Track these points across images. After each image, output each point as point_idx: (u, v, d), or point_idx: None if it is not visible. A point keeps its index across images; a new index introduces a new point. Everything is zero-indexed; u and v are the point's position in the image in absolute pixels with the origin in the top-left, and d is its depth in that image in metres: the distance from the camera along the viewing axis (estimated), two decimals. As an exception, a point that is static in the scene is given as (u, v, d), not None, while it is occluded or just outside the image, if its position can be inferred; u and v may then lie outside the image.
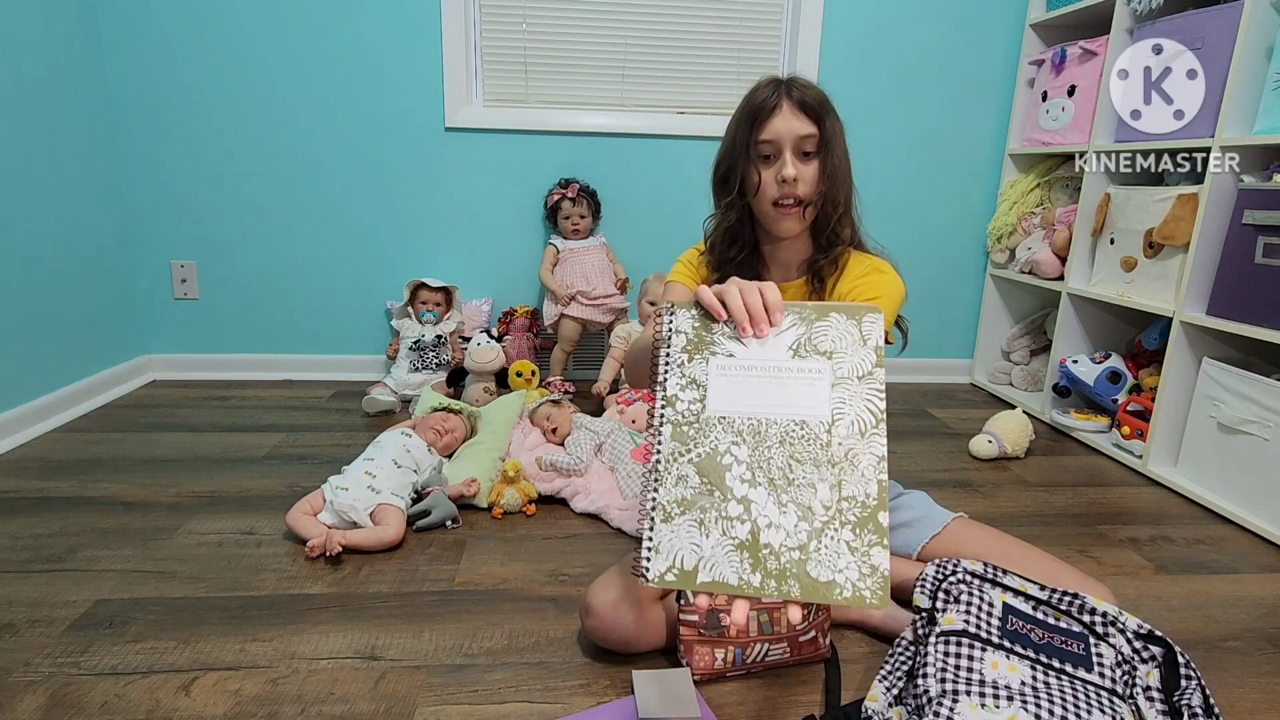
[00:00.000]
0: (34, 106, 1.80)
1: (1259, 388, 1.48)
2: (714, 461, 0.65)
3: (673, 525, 0.63)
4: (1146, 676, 0.82)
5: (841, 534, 0.61)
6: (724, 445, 0.65)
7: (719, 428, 0.65)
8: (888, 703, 0.87)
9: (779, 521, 0.62)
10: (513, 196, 2.27)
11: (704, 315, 0.69)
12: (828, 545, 0.60)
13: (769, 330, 0.67)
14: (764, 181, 1.01)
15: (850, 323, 0.66)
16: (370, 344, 2.35)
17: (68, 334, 1.93)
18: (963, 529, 1.14)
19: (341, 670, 0.99)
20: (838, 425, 0.64)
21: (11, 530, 1.33)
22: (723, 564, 0.61)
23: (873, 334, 0.65)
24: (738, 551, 0.62)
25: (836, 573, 0.60)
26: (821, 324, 0.66)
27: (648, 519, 0.64)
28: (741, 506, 0.63)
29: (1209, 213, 1.59)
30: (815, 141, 0.99)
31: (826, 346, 0.66)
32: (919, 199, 2.36)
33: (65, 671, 0.97)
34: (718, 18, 2.24)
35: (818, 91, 1.00)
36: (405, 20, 2.11)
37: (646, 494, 0.65)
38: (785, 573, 0.60)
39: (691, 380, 0.67)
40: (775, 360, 0.66)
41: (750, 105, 1.01)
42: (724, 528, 0.63)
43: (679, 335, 0.69)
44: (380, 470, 1.41)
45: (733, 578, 0.61)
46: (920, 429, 2.05)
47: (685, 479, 0.64)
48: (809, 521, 0.61)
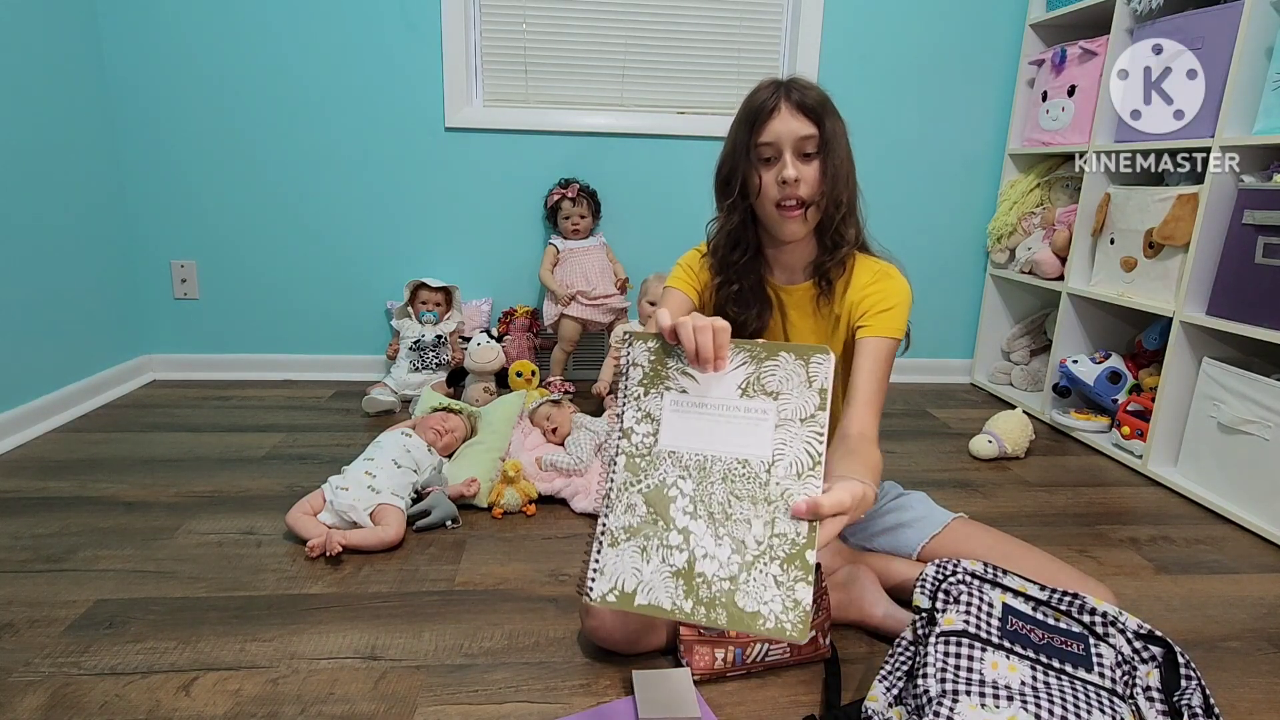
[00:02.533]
0: (34, 106, 1.80)
1: (1259, 388, 1.48)
2: (661, 493, 0.68)
3: (618, 550, 0.67)
4: (1146, 677, 0.82)
5: (770, 568, 0.63)
6: (671, 478, 0.68)
7: (668, 462, 0.69)
8: (888, 703, 0.87)
9: (714, 553, 0.65)
10: (513, 196, 2.27)
11: (660, 348, 0.71)
12: (756, 578, 0.63)
13: (713, 370, 0.69)
14: (765, 184, 1.01)
15: (798, 363, 0.68)
16: (370, 344, 2.35)
17: (68, 334, 1.93)
18: (963, 529, 1.14)
19: (341, 670, 0.99)
20: (777, 465, 0.66)
21: (11, 530, 1.33)
22: (659, 589, 0.65)
23: (819, 375, 0.67)
24: (674, 578, 0.65)
25: (762, 604, 0.62)
26: (770, 363, 0.68)
27: (596, 542, 0.68)
28: (682, 536, 0.66)
29: (1209, 213, 1.59)
30: (815, 142, 0.99)
31: (774, 387, 0.68)
32: (919, 199, 2.36)
33: (65, 671, 0.97)
34: (718, 18, 2.24)
35: (818, 92, 1.00)
36: (405, 20, 2.12)
37: (600, 519, 0.69)
38: (715, 601, 0.63)
39: (647, 414, 0.70)
40: (724, 399, 0.69)
41: (749, 107, 1.01)
42: (664, 555, 0.66)
43: (635, 368, 0.72)
44: (380, 470, 1.41)
45: (667, 602, 0.64)
46: (920, 429, 2.05)
47: (634, 508, 0.68)
48: (741, 554, 0.64)
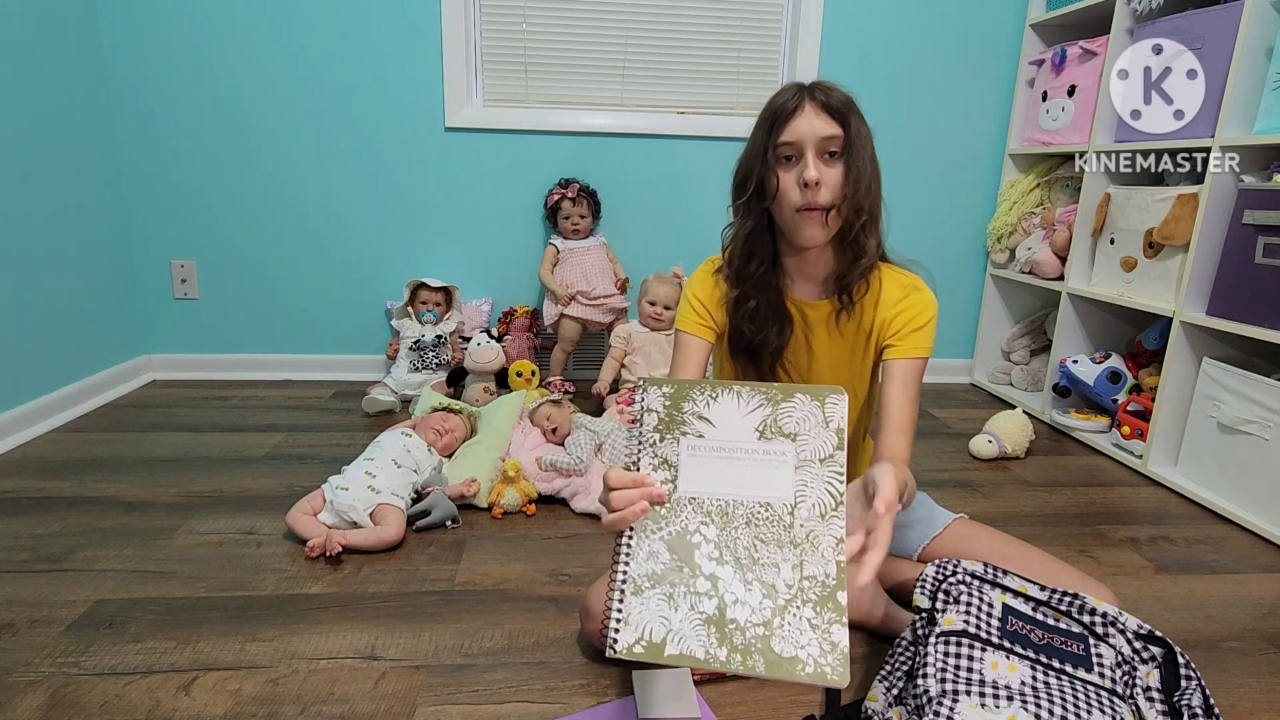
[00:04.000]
0: (34, 106, 1.80)
1: (1259, 388, 1.48)
2: (684, 540, 0.67)
3: (643, 598, 0.66)
4: (1146, 677, 0.82)
5: (804, 612, 0.63)
6: (694, 525, 0.68)
7: (689, 508, 0.68)
8: (887, 703, 0.87)
9: (745, 598, 0.64)
10: (513, 196, 2.27)
11: (676, 394, 0.71)
12: (790, 622, 0.63)
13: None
14: (785, 185, 0.96)
15: (814, 404, 0.68)
16: (370, 344, 2.35)
17: (68, 334, 1.93)
18: (963, 529, 1.14)
19: (341, 670, 0.99)
20: (800, 507, 0.66)
21: (11, 530, 1.33)
22: (690, 638, 0.64)
23: (835, 416, 0.67)
24: (705, 626, 0.64)
25: (799, 649, 0.62)
26: (786, 405, 0.68)
27: (617, 590, 0.67)
28: (709, 583, 0.65)
29: (1209, 213, 1.59)
30: (840, 143, 0.94)
31: (791, 428, 0.68)
32: (919, 199, 2.36)
33: (65, 671, 0.97)
34: (718, 18, 2.24)
35: (843, 94, 0.96)
36: (405, 20, 2.11)
37: (617, 567, 0.68)
38: (750, 648, 0.63)
39: (664, 461, 0.70)
40: (742, 442, 0.68)
41: (771, 108, 0.97)
42: (692, 603, 0.65)
43: (650, 414, 0.71)
44: (380, 470, 1.41)
45: (700, 651, 0.63)
46: (920, 429, 2.04)
47: (656, 555, 0.67)
48: (773, 599, 0.64)
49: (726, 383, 0.70)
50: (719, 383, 0.70)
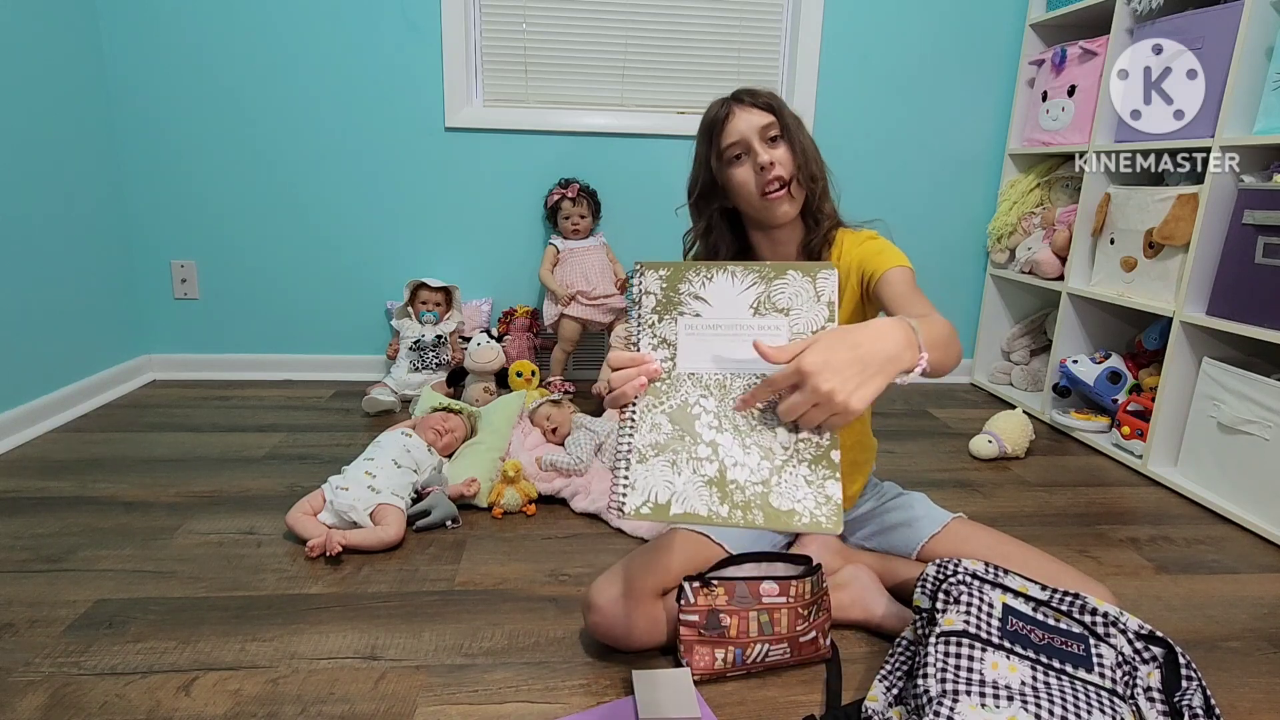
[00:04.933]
0: (34, 106, 1.80)
1: (1259, 388, 1.48)
2: (684, 412, 0.70)
3: (647, 465, 0.69)
4: (1147, 677, 0.82)
5: (799, 470, 0.66)
6: (693, 398, 0.71)
7: (689, 383, 0.71)
8: (887, 703, 0.87)
9: (743, 461, 0.67)
10: (513, 196, 2.27)
11: (672, 276, 0.73)
12: (787, 479, 0.66)
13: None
14: (743, 179, 1.06)
15: (806, 280, 0.71)
16: (370, 344, 2.35)
17: (68, 334, 1.93)
18: (962, 529, 1.14)
19: (341, 670, 0.99)
20: None
21: (11, 530, 1.33)
22: (693, 498, 0.67)
23: (825, 290, 0.70)
24: (707, 487, 0.67)
25: (795, 502, 0.65)
26: (779, 282, 0.71)
27: (623, 460, 0.69)
28: (710, 449, 0.68)
29: (1209, 213, 1.59)
30: (777, 127, 1.05)
31: (784, 304, 0.71)
32: (919, 199, 2.36)
33: (65, 671, 0.97)
34: (718, 18, 2.24)
35: (766, 91, 1.08)
36: (405, 20, 2.11)
37: (621, 439, 0.71)
38: (750, 503, 0.66)
39: (662, 340, 0.73)
40: (738, 318, 0.71)
41: (706, 120, 1.09)
42: (694, 467, 0.68)
43: (648, 296, 0.74)
44: (380, 470, 1.41)
45: (703, 509, 0.66)
46: (920, 429, 2.05)
47: (658, 426, 0.70)
48: (770, 460, 0.67)
49: (721, 263, 0.73)
50: (713, 264, 0.73)
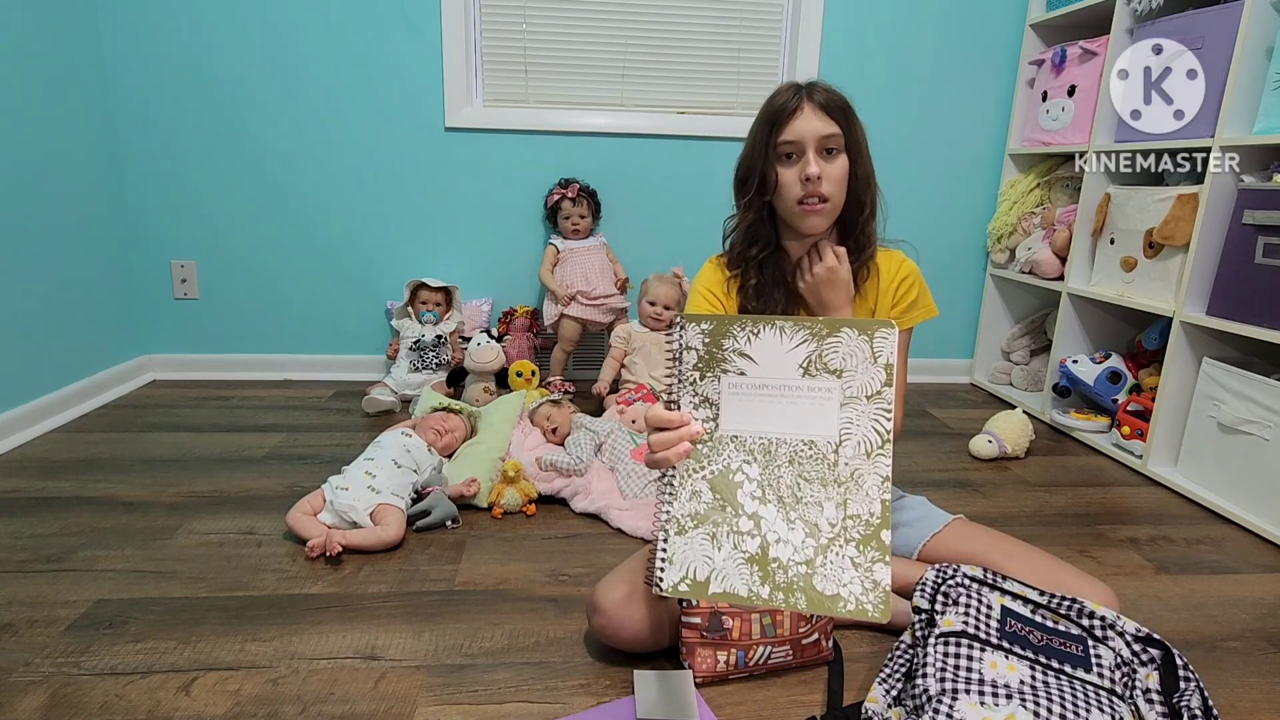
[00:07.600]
0: (34, 106, 1.80)
1: (1259, 388, 1.48)
2: (726, 479, 0.67)
3: (686, 538, 0.66)
4: (1146, 679, 0.82)
5: (846, 550, 0.63)
6: (736, 464, 0.67)
7: (731, 446, 0.67)
8: (887, 704, 0.88)
9: (787, 537, 0.64)
10: (513, 196, 2.27)
11: (715, 330, 0.69)
12: (833, 561, 0.63)
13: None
14: (786, 181, 1.00)
15: (862, 339, 0.65)
16: (370, 344, 2.35)
17: (68, 334, 1.93)
18: (962, 529, 1.14)
19: (341, 670, 0.99)
20: (845, 445, 0.65)
21: (11, 530, 1.34)
22: (733, 576, 0.64)
23: (884, 351, 0.65)
24: (748, 564, 0.64)
25: (841, 586, 0.62)
26: (832, 340, 0.66)
27: (662, 531, 0.66)
28: (752, 522, 0.65)
29: (1209, 213, 1.59)
30: (838, 140, 0.98)
31: (837, 364, 0.66)
32: (919, 199, 2.36)
33: (65, 671, 0.97)
34: (718, 18, 2.24)
35: (841, 95, 1.00)
36: (405, 20, 2.11)
37: (660, 508, 0.68)
38: (793, 585, 0.63)
39: (704, 399, 0.69)
40: (786, 379, 0.66)
41: (770, 108, 1.00)
42: (735, 542, 0.65)
43: (690, 352, 0.69)
44: (380, 470, 1.41)
45: (743, 589, 0.64)
46: (920, 429, 2.05)
47: (699, 494, 0.67)
48: (815, 538, 0.64)
49: (768, 318, 0.68)
50: (759, 318, 0.68)
